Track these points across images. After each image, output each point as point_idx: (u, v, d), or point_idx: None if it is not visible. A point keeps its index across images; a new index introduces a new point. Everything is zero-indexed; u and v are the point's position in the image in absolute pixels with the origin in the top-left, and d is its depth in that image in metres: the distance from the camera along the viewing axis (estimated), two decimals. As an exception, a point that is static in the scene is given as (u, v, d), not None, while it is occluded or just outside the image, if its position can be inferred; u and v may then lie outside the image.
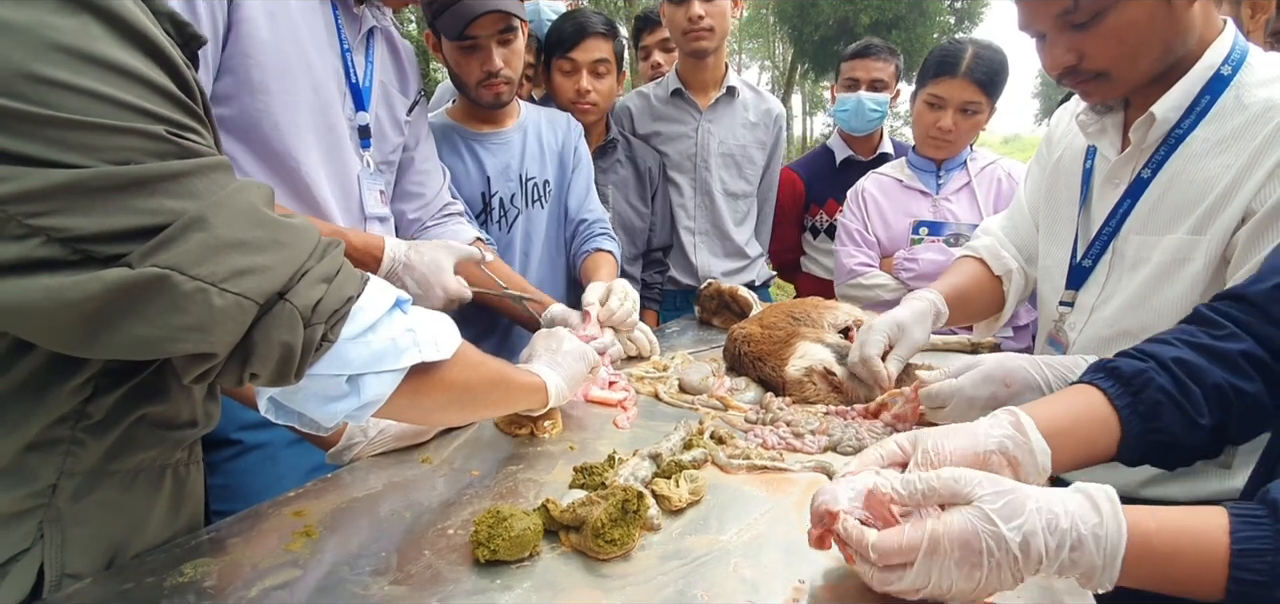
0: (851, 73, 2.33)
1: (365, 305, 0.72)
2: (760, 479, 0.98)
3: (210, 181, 0.61)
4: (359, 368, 0.71)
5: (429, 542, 0.83)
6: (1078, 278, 1.19)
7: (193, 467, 0.86)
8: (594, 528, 0.77)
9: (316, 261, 0.67)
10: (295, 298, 0.65)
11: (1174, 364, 0.79)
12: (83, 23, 0.54)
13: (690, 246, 2.32)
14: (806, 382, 1.26)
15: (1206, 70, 1.01)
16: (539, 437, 1.12)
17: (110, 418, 0.71)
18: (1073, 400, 0.82)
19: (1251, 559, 0.56)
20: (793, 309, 1.49)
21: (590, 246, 1.80)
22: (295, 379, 0.68)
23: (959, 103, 1.94)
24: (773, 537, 0.83)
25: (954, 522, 0.61)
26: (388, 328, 0.74)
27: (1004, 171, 2.06)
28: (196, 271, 0.58)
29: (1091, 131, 1.15)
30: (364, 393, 0.73)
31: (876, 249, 2.11)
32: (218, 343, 0.61)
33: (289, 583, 0.75)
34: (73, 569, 0.72)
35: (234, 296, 0.60)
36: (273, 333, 0.64)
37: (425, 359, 0.77)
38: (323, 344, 0.68)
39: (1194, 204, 1.01)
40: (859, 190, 2.18)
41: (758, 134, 2.33)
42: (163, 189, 0.57)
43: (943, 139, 1.99)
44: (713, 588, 0.73)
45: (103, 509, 0.73)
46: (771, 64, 28.65)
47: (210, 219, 0.59)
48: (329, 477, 1.00)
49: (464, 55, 1.63)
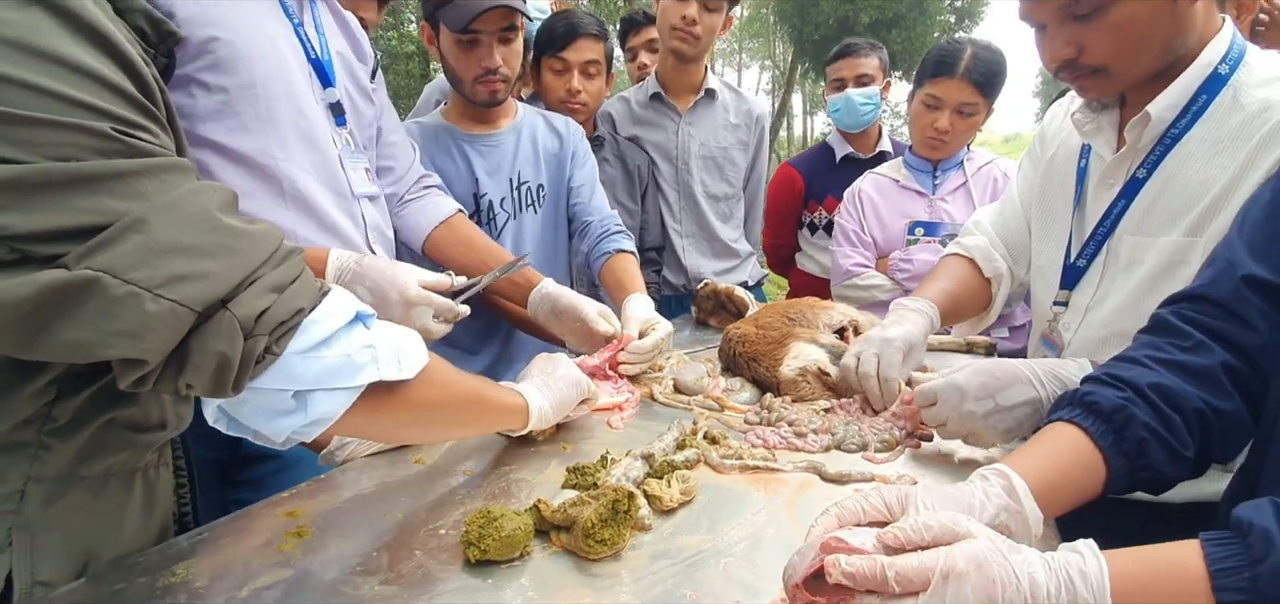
0: (837, 74, 2.36)
1: (320, 318, 0.68)
2: (753, 479, 0.98)
3: (160, 182, 0.59)
4: (308, 384, 0.68)
5: (420, 542, 0.83)
6: (1072, 278, 1.18)
7: (163, 469, 0.85)
8: (584, 528, 0.77)
9: (270, 270, 0.65)
10: (237, 307, 0.62)
11: (1152, 392, 0.77)
12: (31, 16, 0.53)
13: (680, 249, 2.33)
14: (801, 382, 1.26)
15: (1204, 69, 1.00)
16: (533, 437, 1.12)
17: (77, 421, 0.70)
18: (1057, 448, 0.79)
19: (1230, 579, 0.56)
20: (788, 309, 1.49)
21: (610, 248, 1.73)
22: (233, 392, 0.64)
23: (956, 103, 1.94)
24: (764, 537, 0.83)
25: (970, 546, 0.58)
26: (344, 343, 0.70)
27: (1000, 171, 2.06)
28: (131, 275, 0.56)
29: (1087, 130, 1.14)
30: (311, 410, 0.69)
31: (872, 250, 2.12)
32: (150, 350, 0.59)
33: (279, 583, 0.75)
34: (43, 577, 0.71)
35: (169, 303, 0.58)
36: (209, 342, 0.61)
37: (383, 378, 0.72)
38: (266, 357, 0.64)
39: (1190, 206, 1.00)
40: (856, 191, 2.18)
41: (739, 135, 2.35)
42: (106, 188, 0.56)
43: (939, 140, 1.99)
44: (702, 588, 0.74)
45: (74, 515, 0.73)
46: (772, 63, 28.66)
47: (152, 221, 0.57)
48: (322, 477, 1.00)
49: (463, 50, 1.62)
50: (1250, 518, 0.58)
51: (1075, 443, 0.78)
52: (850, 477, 0.96)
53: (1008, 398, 0.95)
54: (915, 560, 0.58)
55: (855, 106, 2.32)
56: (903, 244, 2.06)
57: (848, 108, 2.33)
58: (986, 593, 0.56)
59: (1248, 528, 0.58)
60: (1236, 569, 0.56)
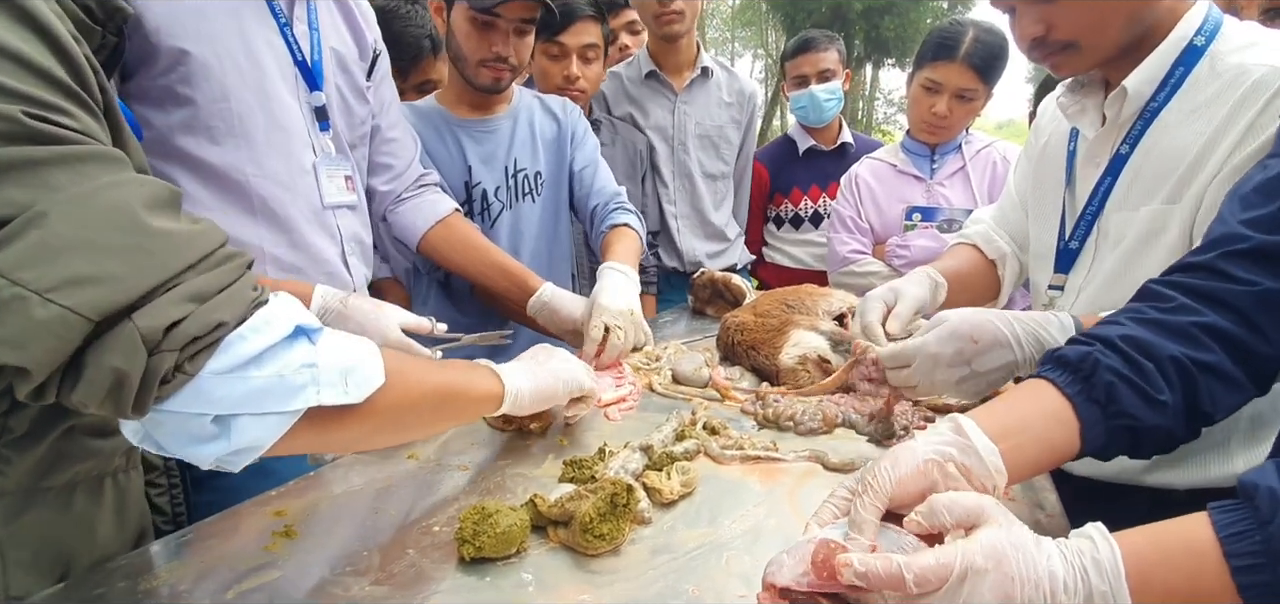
0: (798, 70, 2.35)
1: (248, 333, 0.60)
2: (753, 470, 0.96)
3: (75, 173, 0.53)
4: (230, 408, 0.59)
5: (413, 540, 0.80)
6: (1065, 261, 1.18)
7: (133, 472, 0.82)
8: (582, 523, 0.75)
9: (195, 276, 0.57)
10: (143, 318, 0.54)
11: (1122, 341, 0.75)
12: None
13: (675, 231, 2.31)
14: (800, 370, 1.23)
15: (1179, 42, 1.01)
16: (528, 431, 1.10)
17: (34, 432, 0.67)
18: (1020, 399, 0.77)
19: (1241, 543, 0.55)
20: (786, 296, 1.47)
21: (606, 225, 1.69)
22: (135, 414, 0.57)
23: (955, 88, 1.90)
24: (765, 528, 0.81)
25: (990, 538, 0.56)
26: (277, 362, 0.61)
27: (999, 155, 2.04)
28: (19, 275, 0.50)
29: (1072, 112, 1.14)
30: (236, 437, 0.60)
31: (869, 236, 2.10)
32: (34, 360, 0.52)
33: (267, 585, 0.72)
34: (16, 592, 0.68)
35: (59, 309, 0.51)
36: (104, 357, 0.53)
37: (324, 403, 0.64)
38: (176, 376, 0.56)
39: (1168, 174, 1.00)
40: (853, 175, 2.16)
41: (732, 113, 2.34)
42: (11, 177, 0.51)
43: (938, 124, 1.96)
44: (704, 582, 0.71)
45: (42, 527, 0.70)
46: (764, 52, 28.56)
47: (54, 216, 0.51)
48: (311, 475, 0.97)
49: (477, 30, 1.56)
50: (1255, 481, 0.57)
51: (1040, 394, 0.76)
52: (853, 465, 0.94)
53: (984, 364, 0.95)
54: (933, 558, 0.56)
55: (819, 102, 2.32)
56: (900, 230, 2.04)
57: (812, 104, 2.33)
58: (1004, 592, 0.54)
59: (1253, 490, 0.56)
60: (1247, 533, 0.55)
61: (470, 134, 1.71)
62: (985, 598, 0.54)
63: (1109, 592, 0.56)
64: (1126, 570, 0.56)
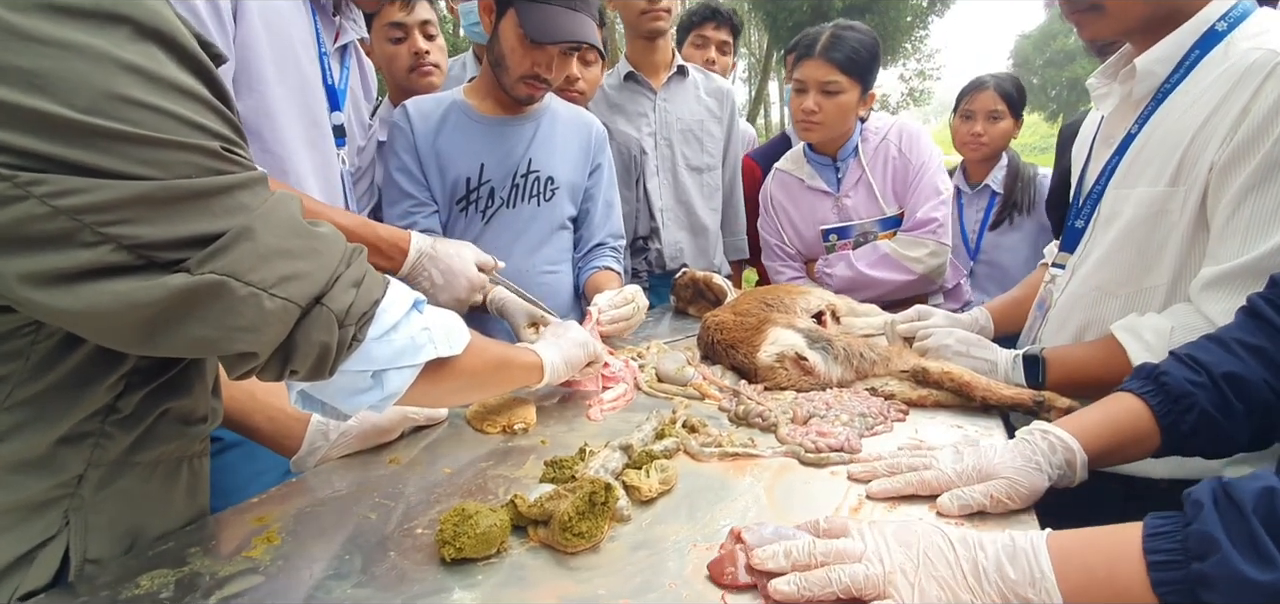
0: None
1: (387, 307, 0.77)
2: (732, 466, 0.97)
3: (254, 194, 0.65)
4: (382, 364, 0.77)
5: (395, 542, 0.81)
6: (1071, 240, 1.20)
7: (205, 459, 0.90)
8: (562, 521, 0.76)
9: (345, 267, 0.73)
10: (331, 302, 0.70)
11: (1224, 382, 0.82)
12: (149, 49, 0.59)
13: (661, 225, 2.34)
14: (778, 368, 1.25)
15: (1201, 25, 1.01)
16: (510, 433, 1.11)
17: (137, 413, 0.76)
18: (1115, 414, 0.86)
19: (1161, 540, 0.58)
20: (765, 295, 1.49)
21: (593, 266, 1.77)
22: (330, 375, 0.74)
23: (818, 83, 1.88)
24: (744, 522, 0.82)
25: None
26: (407, 327, 0.79)
27: (895, 146, 1.97)
28: (250, 278, 0.63)
29: (1099, 95, 1.16)
30: (386, 386, 0.79)
31: (799, 258, 2.09)
32: (264, 343, 0.67)
33: (248, 591, 0.73)
34: (94, 555, 0.76)
35: (281, 301, 0.66)
36: (313, 333, 0.69)
37: (440, 355, 0.83)
38: (353, 343, 0.74)
39: (1165, 156, 1.01)
40: (766, 197, 2.13)
41: (711, 109, 2.39)
42: (218, 201, 0.62)
43: (810, 122, 1.92)
44: (680, 576, 0.73)
45: (122, 498, 0.77)
46: (747, 51, 28.66)
47: (257, 229, 0.64)
48: (293, 481, 0.98)
49: (526, 49, 1.56)
50: (1193, 492, 0.60)
51: (1135, 413, 0.85)
52: (829, 460, 0.96)
53: None
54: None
55: None
56: (821, 249, 2.03)
57: None
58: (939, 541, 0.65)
59: (1187, 499, 0.61)
60: (1170, 532, 0.59)
61: (491, 131, 1.70)
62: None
63: (1030, 549, 0.62)
64: (1048, 542, 0.63)
